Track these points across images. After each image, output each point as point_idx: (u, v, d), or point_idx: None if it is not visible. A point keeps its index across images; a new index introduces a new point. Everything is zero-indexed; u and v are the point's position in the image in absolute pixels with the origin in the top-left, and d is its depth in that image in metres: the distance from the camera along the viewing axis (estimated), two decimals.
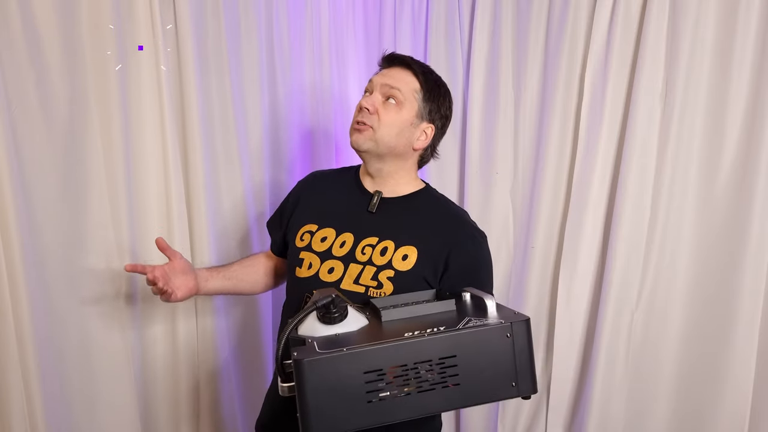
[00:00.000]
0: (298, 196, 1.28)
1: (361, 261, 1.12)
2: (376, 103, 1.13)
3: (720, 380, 1.57)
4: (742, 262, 1.51)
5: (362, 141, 1.13)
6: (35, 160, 1.19)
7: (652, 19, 1.54)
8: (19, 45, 1.15)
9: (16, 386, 1.15)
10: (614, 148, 1.66)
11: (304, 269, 1.15)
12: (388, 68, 1.17)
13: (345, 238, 1.15)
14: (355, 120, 1.14)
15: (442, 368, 0.81)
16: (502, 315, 0.89)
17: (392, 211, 1.17)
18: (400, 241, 1.12)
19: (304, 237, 1.17)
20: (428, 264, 1.11)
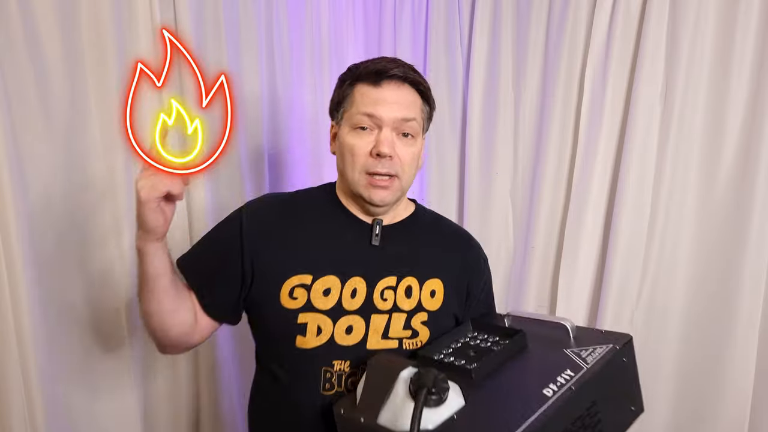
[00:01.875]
0: (255, 236, 0.96)
1: (385, 309, 0.93)
2: (396, 145, 0.93)
3: (720, 379, 1.57)
4: (742, 261, 1.51)
5: (389, 197, 0.94)
6: (35, 160, 1.19)
7: (652, 18, 1.54)
8: (19, 44, 1.15)
9: (16, 386, 1.15)
10: (614, 148, 1.66)
11: (310, 337, 0.90)
12: (388, 89, 0.93)
13: (355, 285, 0.93)
14: (372, 171, 0.92)
15: (590, 418, 0.72)
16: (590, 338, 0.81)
17: (397, 240, 0.99)
18: (423, 275, 0.97)
19: (297, 294, 0.91)
20: (454, 295, 0.99)
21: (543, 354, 0.81)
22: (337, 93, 0.99)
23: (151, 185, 0.84)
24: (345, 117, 0.96)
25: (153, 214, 0.84)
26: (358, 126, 0.93)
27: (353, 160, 0.93)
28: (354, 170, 0.94)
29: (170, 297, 0.92)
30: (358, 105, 0.93)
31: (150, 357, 1.43)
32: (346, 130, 0.95)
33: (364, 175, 0.93)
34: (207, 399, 1.52)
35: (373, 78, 0.93)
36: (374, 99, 0.92)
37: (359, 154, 0.93)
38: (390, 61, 0.95)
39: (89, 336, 1.32)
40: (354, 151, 0.93)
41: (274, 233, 0.97)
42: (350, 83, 0.96)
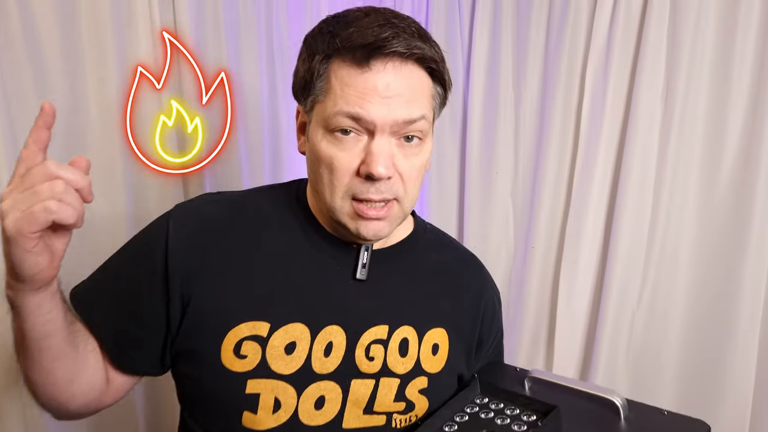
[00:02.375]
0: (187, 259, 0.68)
1: (370, 373, 0.68)
2: (397, 158, 0.65)
3: (721, 381, 1.57)
4: (743, 262, 1.51)
5: (386, 230, 0.68)
6: None
7: (653, 19, 1.54)
8: (18, 44, 1.15)
9: (16, 387, 1.15)
10: (615, 149, 1.66)
11: (264, 414, 0.64)
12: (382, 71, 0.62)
13: (330, 337, 0.67)
14: (360, 198, 0.65)
15: None
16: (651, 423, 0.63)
17: (391, 271, 0.74)
18: (424, 324, 0.72)
19: (246, 350, 0.65)
20: (462, 350, 0.75)
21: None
22: (305, 68, 0.67)
23: (27, 211, 0.52)
24: (317, 110, 0.66)
25: (28, 255, 0.54)
26: (337, 129, 0.63)
27: (332, 180, 0.64)
28: (334, 194, 0.65)
29: (65, 362, 0.65)
30: (336, 97, 0.62)
31: None
32: (319, 131, 0.65)
33: (349, 200, 0.65)
34: None
35: (360, 55, 0.61)
36: (361, 90, 0.61)
37: (341, 172, 0.64)
38: (384, 25, 0.61)
39: None
40: (333, 166, 0.64)
41: (215, 258, 0.68)
42: (324, 58, 0.64)
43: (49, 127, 0.62)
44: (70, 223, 0.54)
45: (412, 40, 0.62)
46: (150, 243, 0.71)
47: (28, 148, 0.58)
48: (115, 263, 0.75)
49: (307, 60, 0.67)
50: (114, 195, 1.32)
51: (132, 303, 0.70)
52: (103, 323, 0.71)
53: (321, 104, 0.65)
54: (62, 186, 0.55)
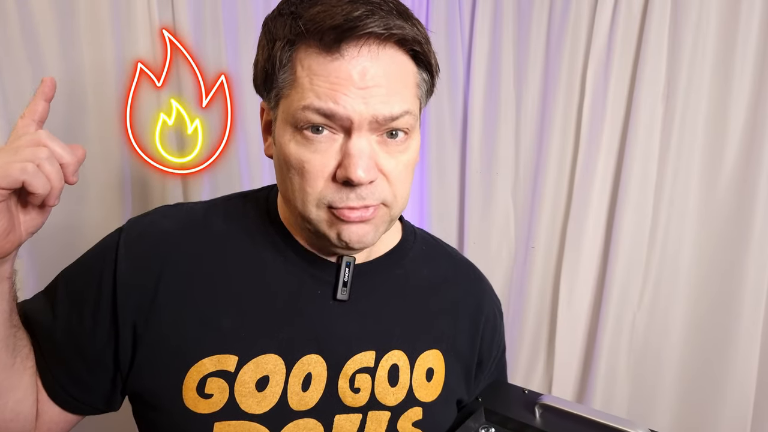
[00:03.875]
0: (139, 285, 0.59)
1: (356, 406, 0.60)
2: (380, 158, 0.55)
3: (722, 381, 1.56)
4: (744, 262, 1.50)
5: (371, 235, 0.57)
6: None
7: (654, 19, 1.53)
8: (17, 44, 1.14)
9: None
10: (616, 149, 1.66)
11: None
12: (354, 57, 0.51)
13: (308, 368, 0.58)
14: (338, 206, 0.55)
15: None
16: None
17: (376, 288, 0.64)
18: (416, 346, 0.63)
19: (212, 388, 0.56)
20: (460, 373, 0.67)
21: None
22: (264, 57, 0.56)
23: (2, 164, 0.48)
24: (282, 106, 0.56)
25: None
26: (306, 127, 0.53)
27: (304, 186, 0.55)
28: (306, 203, 0.55)
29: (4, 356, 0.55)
30: (303, 90, 0.52)
31: None
32: (287, 131, 0.55)
33: (325, 210, 0.56)
34: None
35: (330, 39, 0.50)
36: (333, 80, 0.51)
37: (314, 177, 0.54)
38: (355, 1, 0.51)
39: None
40: (304, 170, 0.54)
41: (173, 281, 0.58)
42: (287, 44, 0.53)
43: (48, 100, 0.56)
44: (39, 193, 0.49)
45: (391, 18, 0.52)
46: (97, 265, 0.61)
47: (23, 118, 0.54)
48: (62, 282, 0.65)
49: (267, 47, 0.55)
50: (113, 193, 1.32)
51: (75, 331, 0.60)
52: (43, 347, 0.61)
53: (286, 99, 0.54)
54: (46, 153, 0.50)
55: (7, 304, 0.56)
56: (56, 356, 0.60)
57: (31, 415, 0.59)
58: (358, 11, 0.50)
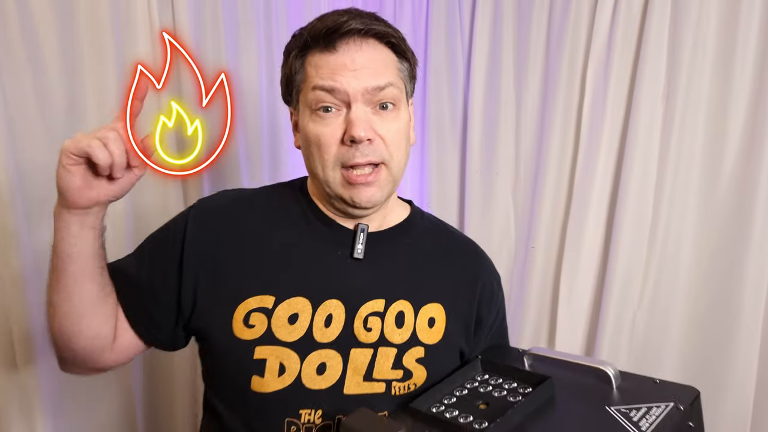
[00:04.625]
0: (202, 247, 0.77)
1: (369, 342, 0.73)
2: (374, 122, 0.71)
3: (722, 380, 1.57)
4: (744, 261, 1.50)
5: (378, 194, 0.73)
6: (33, 161, 1.18)
7: (654, 18, 1.53)
8: (17, 45, 1.14)
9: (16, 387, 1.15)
10: (616, 148, 1.66)
11: (270, 378, 0.70)
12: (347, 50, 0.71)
13: (330, 310, 0.73)
14: (349, 164, 0.71)
15: None
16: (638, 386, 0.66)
17: (387, 251, 0.78)
18: (420, 299, 0.76)
19: (254, 320, 0.71)
20: (460, 325, 0.79)
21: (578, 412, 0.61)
22: (285, 70, 0.77)
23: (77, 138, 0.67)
24: (301, 100, 0.75)
25: (63, 170, 0.68)
26: (318, 107, 0.71)
27: (321, 154, 0.72)
28: (325, 167, 0.72)
29: (82, 293, 0.71)
30: (313, 79, 0.71)
31: (150, 356, 1.43)
32: (306, 115, 0.74)
33: (339, 170, 0.72)
34: None
35: (325, 40, 0.71)
36: (332, 68, 0.70)
37: (328, 144, 0.71)
38: (342, 14, 0.72)
39: None
40: (320, 141, 0.71)
41: (228, 242, 0.76)
42: (298, 54, 0.74)
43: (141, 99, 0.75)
44: (101, 164, 0.65)
45: (369, 20, 0.74)
46: (173, 229, 0.81)
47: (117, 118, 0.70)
48: (144, 246, 0.83)
49: (285, 63, 0.78)
50: None
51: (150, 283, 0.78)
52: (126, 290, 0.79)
53: (303, 93, 0.75)
54: (114, 135, 0.68)
55: (94, 248, 0.71)
56: (138, 297, 0.78)
57: (109, 336, 0.76)
58: (344, 18, 0.72)
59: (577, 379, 0.68)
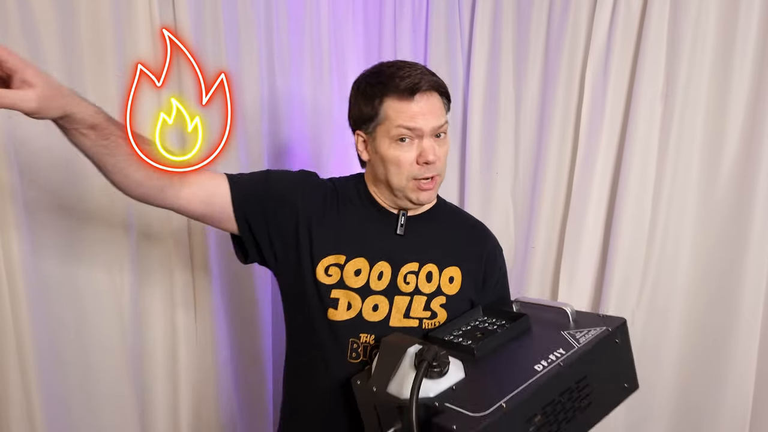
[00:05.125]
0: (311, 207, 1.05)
1: (407, 291, 1.02)
2: (435, 148, 1.00)
3: (721, 380, 1.57)
4: (743, 260, 1.51)
5: (434, 195, 1.05)
6: (34, 160, 1.18)
7: (653, 18, 1.54)
8: (18, 44, 1.15)
9: (16, 387, 1.15)
10: (615, 148, 1.66)
11: (341, 310, 0.99)
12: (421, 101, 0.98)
13: (381, 269, 1.02)
14: (421, 177, 1.00)
15: (579, 391, 0.79)
16: (588, 321, 0.89)
17: (419, 230, 1.08)
18: (443, 263, 1.05)
19: (331, 271, 1.00)
20: (471, 282, 1.07)
21: (542, 335, 0.89)
22: (365, 109, 1.02)
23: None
24: (379, 131, 1.01)
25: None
26: (398, 138, 0.99)
27: (399, 170, 1.00)
28: (401, 178, 1.01)
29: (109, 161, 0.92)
30: (394, 120, 0.99)
31: (149, 357, 1.43)
32: (385, 143, 1.01)
33: (412, 181, 1.01)
34: (206, 400, 1.52)
35: (407, 94, 0.98)
36: (411, 114, 0.98)
37: (405, 164, 1.00)
38: (415, 73, 0.99)
39: (88, 336, 1.31)
40: (400, 162, 1.00)
41: (320, 210, 1.05)
42: (380, 99, 1.00)
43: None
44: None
45: (431, 77, 1.01)
46: (297, 181, 1.08)
47: None
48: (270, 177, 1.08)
49: (364, 102, 1.02)
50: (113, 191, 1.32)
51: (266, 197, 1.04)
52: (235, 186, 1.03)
53: (382, 126, 1.00)
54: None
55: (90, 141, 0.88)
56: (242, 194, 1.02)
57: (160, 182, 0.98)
58: (417, 79, 0.98)
59: (549, 316, 0.95)
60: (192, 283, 1.47)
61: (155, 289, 1.41)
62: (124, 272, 1.34)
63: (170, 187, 0.99)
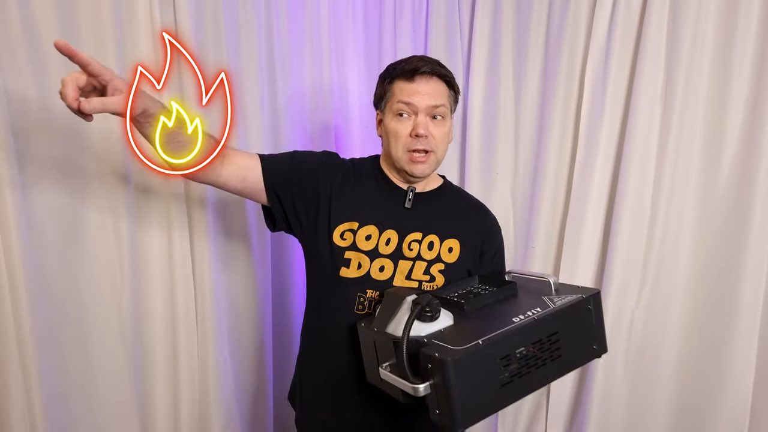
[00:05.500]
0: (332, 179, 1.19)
1: (410, 257, 1.15)
2: (429, 126, 1.14)
3: (720, 379, 1.57)
4: (742, 260, 1.51)
5: (427, 169, 1.16)
6: (35, 160, 1.19)
7: (653, 19, 1.54)
8: (19, 45, 1.15)
9: (16, 386, 1.15)
10: (614, 148, 1.66)
11: (352, 269, 1.14)
12: (420, 82, 1.13)
13: (389, 236, 1.15)
14: (412, 149, 1.13)
15: (550, 344, 0.92)
16: (568, 290, 1.01)
17: (425, 205, 1.20)
18: (444, 235, 1.17)
19: (346, 236, 1.15)
20: (469, 254, 1.19)
21: (525, 298, 1.01)
22: (380, 89, 1.20)
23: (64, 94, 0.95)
24: (387, 107, 1.18)
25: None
26: (398, 113, 1.15)
27: (397, 141, 1.15)
28: (398, 149, 1.15)
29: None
30: (397, 96, 1.15)
31: (149, 357, 1.43)
32: (389, 117, 1.17)
33: (406, 152, 1.14)
34: (206, 400, 1.53)
35: (408, 75, 1.14)
36: (410, 92, 1.13)
37: (401, 136, 1.14)
38: (419, 60, 1.15)
39: (88, 336, 1.32)
40: (397, 133, 1.15)
41: (339, 184, 1.19)
42: (389, 81, 1.17)
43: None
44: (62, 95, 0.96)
45: (435, 66, 1.15)
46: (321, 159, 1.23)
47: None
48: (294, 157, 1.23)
49: (380, 85, 1.20)
50: (115, 194, 1.32)
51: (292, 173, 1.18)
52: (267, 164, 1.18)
53: (389, 102, 1.17)
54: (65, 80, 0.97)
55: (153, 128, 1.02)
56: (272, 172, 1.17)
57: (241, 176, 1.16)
58: (420, 63, 1.14)
59: (535, 286, 1.07)
60: (193, 285, 1.47)
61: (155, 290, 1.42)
62: (125, 272, 1.34)
63: (213, 167, 1.12)
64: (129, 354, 1.37)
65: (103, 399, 1.34)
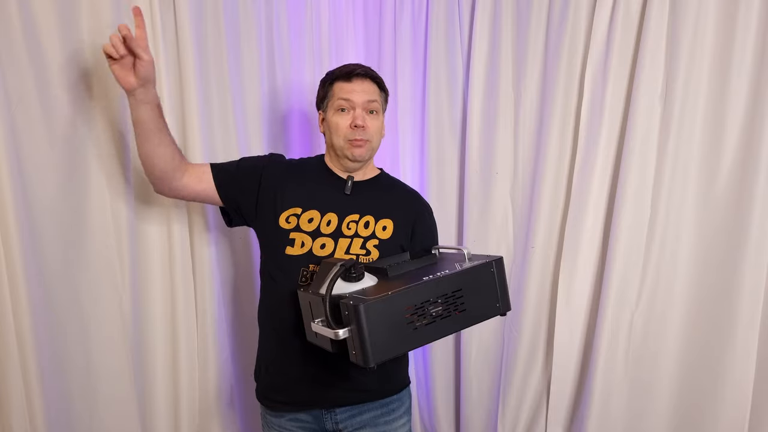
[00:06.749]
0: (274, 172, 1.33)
1: (348, 235, 1.28)
2: (366, 119, 1.30)
3: (720, 380, 1.57)
4: (742, 261, 1.51)
5: (365, 154, 1.31)
6: (35, 160, 1.19)
7: (652, 19, 1.54)
8: (19, 44, 1.15)
9: (17, 386, 1.15)
10: (614, 149, 1.66)
11: (297, 248, 1.27)
12: (356, 83, 1.30)
13: (330, 218, 1.28)
14: (353, 138, 1.29)
15: (454, 299, 1.06)
16: (478, 258, 1.15)
17: (363, 192, 1.35)
18: (379, 215, 1.32)
19: (290, 219, 1.28)
20: (402, 232, 1.34)
21: (441, 265, 1.15)
22: (321, 92, 1.36)
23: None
24: (329, 105, 1.33)
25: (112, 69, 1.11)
26: (339, 108, 1.30)
27: (338, 132, 1.30)
28: (339, 139, 1.30)
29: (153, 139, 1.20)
30: (337, 95, 1.31)
31: (150, 356, 1.43)
32: (331, 113, 1.32)
33: (347, 141, 1.30)
34: (206, 398, 1.53)
35: (346, 77, 1.31)
36: (348, 90, 1.30)
37: (342, 128, 1.29)
38: (355, 65, 1.33)
39: (89, 336, 1.32)
40: (338, 125, 1.30)
41: (282, 179, 1.32)
42: (330, 83, 1.33)
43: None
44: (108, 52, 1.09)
45: (368, 70, 1.33)
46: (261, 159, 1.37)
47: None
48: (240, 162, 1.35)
49: (321, 88, 1.35)
50: (116, 192, 1.33)
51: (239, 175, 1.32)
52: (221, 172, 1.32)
53: (331, 101, 1.32)
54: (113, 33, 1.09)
55: (150, 115, 1.17)
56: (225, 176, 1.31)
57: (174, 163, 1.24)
58: (356, 67, 1.31)
59: (455, 256, 1.22)
60: (193, 285, 1.47)
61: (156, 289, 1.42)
62: (124, 271, 1.34)
63: (179, 170, 1.25)
64: (129, 354, 1.37)
65: (104, 398, 1.35)
